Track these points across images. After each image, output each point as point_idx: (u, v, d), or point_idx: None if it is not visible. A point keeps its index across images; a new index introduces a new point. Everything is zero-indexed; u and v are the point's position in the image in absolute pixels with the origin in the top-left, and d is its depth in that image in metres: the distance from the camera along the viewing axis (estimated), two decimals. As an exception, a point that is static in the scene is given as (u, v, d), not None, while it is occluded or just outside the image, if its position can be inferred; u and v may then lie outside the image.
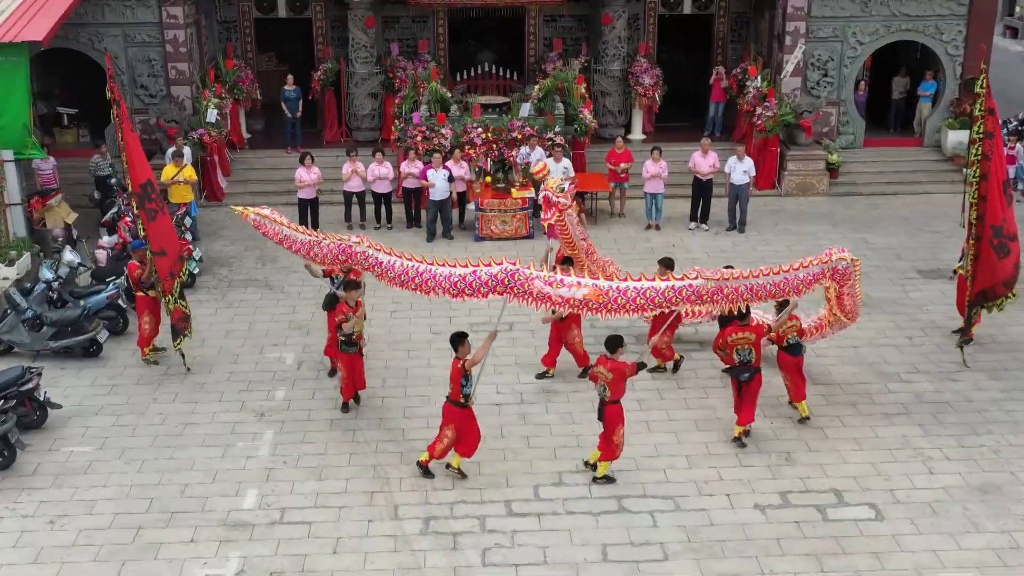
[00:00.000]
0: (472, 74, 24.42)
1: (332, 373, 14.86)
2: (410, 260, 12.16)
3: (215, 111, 21.81)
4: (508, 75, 24.52)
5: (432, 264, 11.96)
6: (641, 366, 12.33)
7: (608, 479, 12.29)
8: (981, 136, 14.21)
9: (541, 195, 15.27)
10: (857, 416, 13.79)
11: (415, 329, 16.44)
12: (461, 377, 12.10)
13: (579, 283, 11.72)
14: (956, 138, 23.34)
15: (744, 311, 12.70)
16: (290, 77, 23.46)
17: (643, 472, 12.55)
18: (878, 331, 16.31)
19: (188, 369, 15.05)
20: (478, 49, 26.88)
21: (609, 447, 12.22)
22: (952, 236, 20.22)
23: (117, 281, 16.40)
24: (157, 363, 15.32)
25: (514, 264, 11.69)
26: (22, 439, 12.91)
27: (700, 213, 20.83)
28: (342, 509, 11.90)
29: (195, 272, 18.01)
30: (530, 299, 11.70)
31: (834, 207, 22.10)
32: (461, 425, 12.29)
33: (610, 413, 12.16)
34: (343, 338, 13.58)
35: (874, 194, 22.86)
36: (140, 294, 15.04)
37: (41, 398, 13.49)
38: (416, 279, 11.99)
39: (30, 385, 13.31)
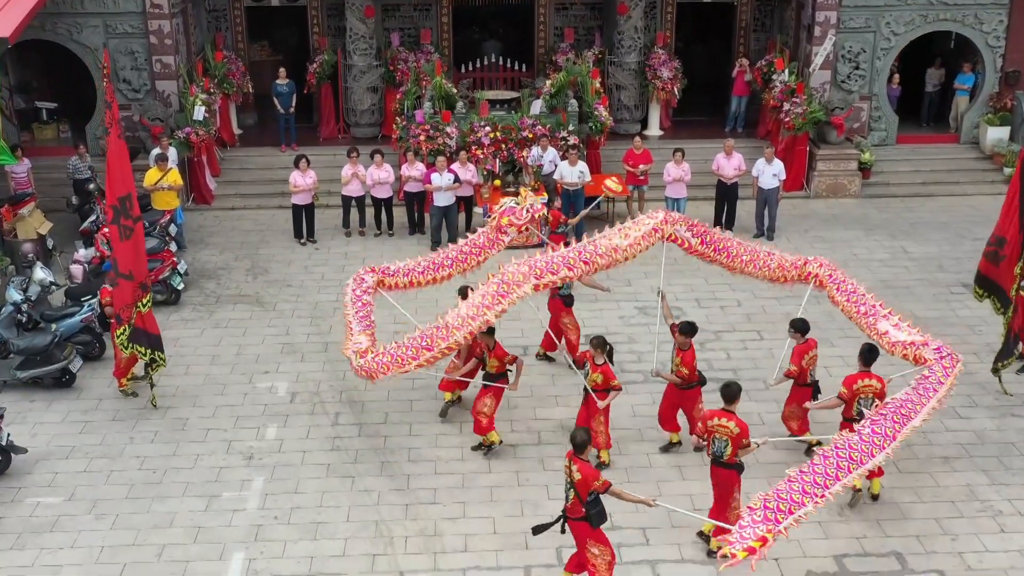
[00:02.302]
0: (477, 66, 22.91)
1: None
2: None
3: (203, 108, 20.28)
4: (516, 67, 22.99)
5: None
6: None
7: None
8: None
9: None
10: (913, 460, 12.39)
11: (420, 354, 14.99)
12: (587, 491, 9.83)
13: None
14: (995, 135, 21.90)
15: (731, 395, 10.63)
16: (282, 70, 21.91)
17: (678, 530, 11.16)
18: (927, 355, 14.88)
19: (153, 405, 13.59)
20: (484, 38, 25.30)
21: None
22: (997, 244, 18.82)
23: (92, 301, 14.94)
24: (136, 395, 13.89)
25: None
26: (-20, 491, 11.56)
27: (725, 219, 19.36)
28: (340, 577, 10.53)
29: (179, 288, 16.54)
30: None
31: (867, 210, 20.63)
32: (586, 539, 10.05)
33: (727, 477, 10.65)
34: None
35: (908, 195, 21.38)
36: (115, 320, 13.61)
37: (3, 442, 12.08)
38: None
39: (-9, 428, 11.93)
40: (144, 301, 13.07)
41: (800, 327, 12.32)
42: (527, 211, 13.56)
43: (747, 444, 10.48)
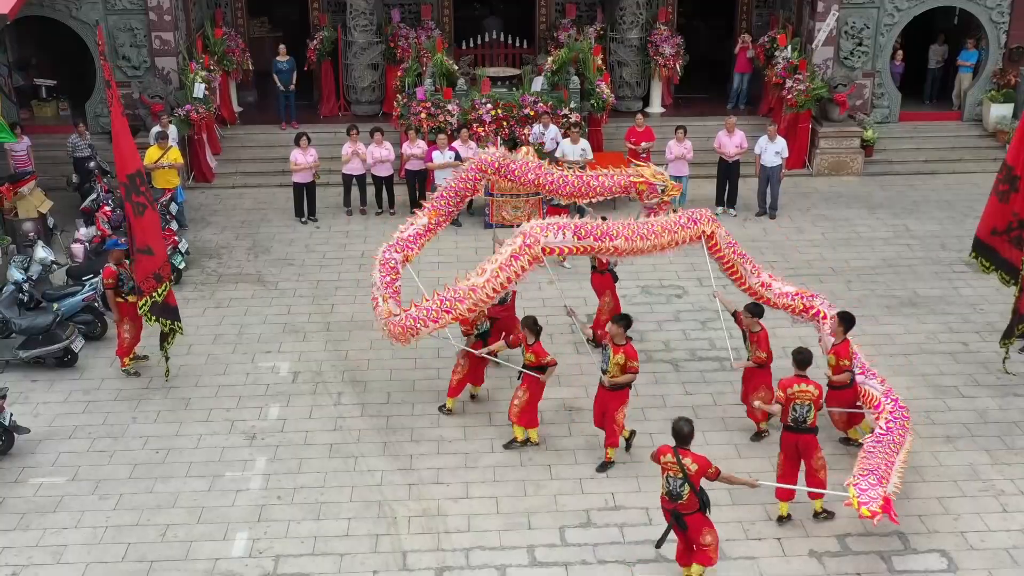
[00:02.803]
0: (479, 42, 22.77)
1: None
2: None
3: (203, 85, 20.17)
4: (517, 44, 22.85)
5: None
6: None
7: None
8: None
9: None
10: (915, 439, 12.36)
11: (422, 333, 14.97)
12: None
13: None
14: (999, 112, 21.77)
15: (804, 360, 10.81)
16: (282, 47, 21.75)
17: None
18: (928, 335, 14.89)
19: (166, 378, 13.66)
20: (485, 14, 25.13)
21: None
22: (1000, 222, 18.76)
23: (94, 280, 14.91)
24: (138, 374, 13.89)
25: None
26: (-16, 471, 11.57)
27: (727, 196, 19.30)
28: (344, 556, 10.54)
29: (181, 267, 16.50)
30: None
31: (870, 188, 20.55)
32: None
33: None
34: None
35: (911, 173, 21.29)
36: (120, 300, 13.58)
37: (7, 422, 12.08)
38: None
39: (-7, 408, 11.93)
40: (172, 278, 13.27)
41: (755, 311, 12.20)
42: (659, 201, 13.41)
43: (820, 406, 10.85)
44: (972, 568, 10.31)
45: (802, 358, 10.79)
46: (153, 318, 13.13)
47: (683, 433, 9.64)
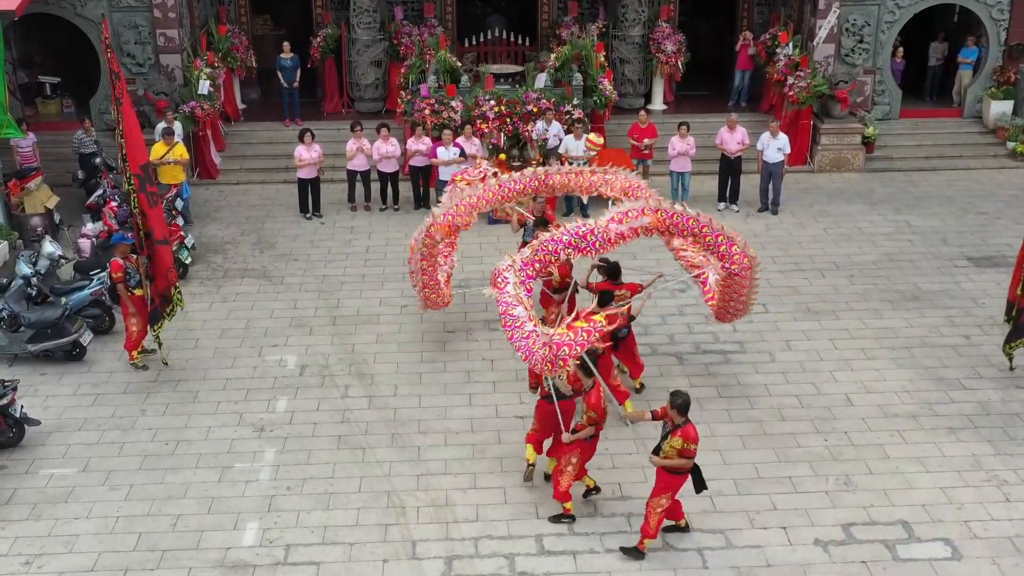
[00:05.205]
0: (481, 40, 22.86)
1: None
2: None
3: (207, 82, 20.25)
4: (520, 41, 22.95)
5: None
6: None
7: None
8: None
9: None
10: (919, 431, 12.51)
11: (427, 327, 15.06)
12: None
13: None
14: (999, 109, 21.90)
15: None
16: (286, 44, 21.87)
17: (687, 499, 11.22)
18: (931, 328, 15.00)
19: (166, 363, 13.87)
20: (487, 12, 25.23)
21: None
22: (1001, 218, 18.93)
23: (102, 275, 15.00)
24: (146, 367, 13.98)
25: None
26: (-5, 462, 11.66)
27: (729, 192, 19.40)
28: (353, 546, 10.63)
29: (187, 262, 16.59)
30: None
31: (871, 184, 20.65)
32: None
33: None
34: None
35: (912, 170, 21.39)
36: (129, 293, 13.66)
37: (17, 414, 12.17)
38: None
39: (4, 400, 12.00)
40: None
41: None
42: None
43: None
44: (976, 556, 10.41)
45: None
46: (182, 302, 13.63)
47: (688, 403, 10.20)
